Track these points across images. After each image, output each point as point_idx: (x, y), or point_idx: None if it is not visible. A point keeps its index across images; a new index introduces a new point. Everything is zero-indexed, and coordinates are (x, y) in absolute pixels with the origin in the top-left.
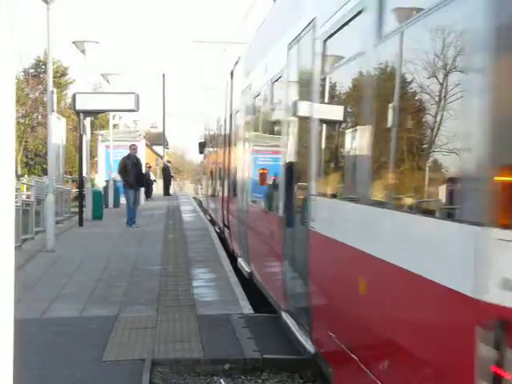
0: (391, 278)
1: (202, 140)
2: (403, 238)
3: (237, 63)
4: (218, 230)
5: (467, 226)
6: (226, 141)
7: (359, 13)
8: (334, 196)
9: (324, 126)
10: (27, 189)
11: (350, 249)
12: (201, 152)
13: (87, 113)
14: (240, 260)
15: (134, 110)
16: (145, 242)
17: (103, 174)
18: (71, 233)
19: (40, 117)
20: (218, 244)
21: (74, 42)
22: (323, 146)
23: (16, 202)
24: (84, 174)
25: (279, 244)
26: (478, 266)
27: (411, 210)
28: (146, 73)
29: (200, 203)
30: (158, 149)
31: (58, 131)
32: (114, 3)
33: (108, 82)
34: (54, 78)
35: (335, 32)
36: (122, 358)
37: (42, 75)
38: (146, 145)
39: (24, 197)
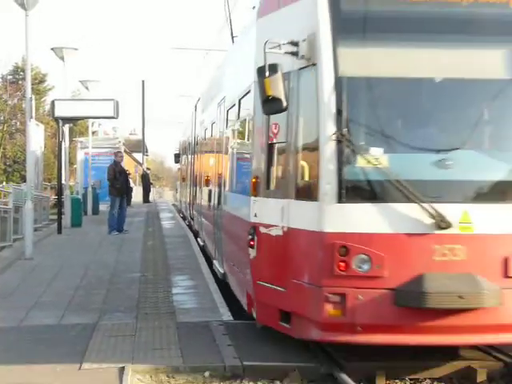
0: (236, 222)
1: (177, 152)
2: (236, 204)
3: (198, 100)
4: (187, 224)
5: (248, 197)
6: (191, 157)
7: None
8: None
9: (226, 152)
10: (5, 196)
11: (232, 216)
12: (176, 162)
13: (66, 120)
14: (199, 235)
15: (113, 117)
16: (124, 249)
17: (82, 181)
18: (50, 240)
19: (19, 123)
20: (197, 251)
21: (52, 49)
22: (223, 164)
23: None
24: (63, 181)
25: (213, 221)
26: (250, 209)
27: (237, 192)
28: (125, 79)
29: (179, 210)
30: (138, 156)
31: (36, 138)
32: (94, 10)
33: (87, 88)
34: (32, 84)
35: (231, 107)
36: (101, 365)
37: (20, 82)
38: (126, 152)
39: (2, 204)
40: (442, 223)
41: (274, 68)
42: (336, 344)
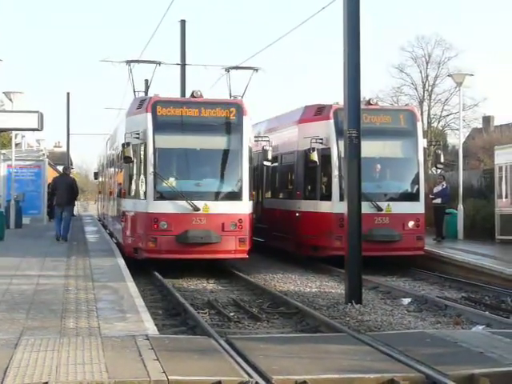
0: (117, 211)
1: (96, 170)
2: (117, 203)
3: (108, 139)
4: (102, 224)
5: (121, 198)
6: (101, 176)
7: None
8: (120, 196)
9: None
10: None
11: (116, 209)
12: (95, 178)
13: None
14: (108, 227)
15: (37, 129)
16: (47, 263)
17: (4, 194)
18: None
19: None
20: (122, 265)
21: None
22: (115, 182)
23: None
24: None
25: (109, 214)
26: (122, 204)
27: (119, 197)
28: (50, 91)
29: (98, 217)
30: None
31: None
32: (18, 20)
33: (11, 100)
34: None
35: (110, 141)
36: (23, 381)
37: None
38: (50, 164)
39: None
40: (196, 208)
41: (128, 144)
42: (154, 259)
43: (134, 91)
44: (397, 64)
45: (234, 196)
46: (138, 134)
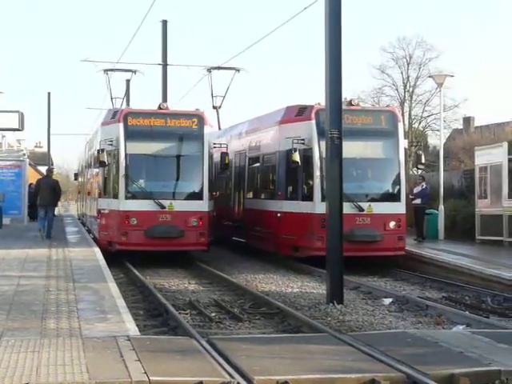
0: (93, 210)
1: (76, 172)
2: (94, 202)
3: (87, 143)
4: (81, 222)
5: (97, 198)
6: (81, 177)
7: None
8: (99, 196)
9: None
10: None
11: (93, 208)
12: (75, 179)
13: None
14: (86, 224)
15: (18, 129)
16: (28, 264)
17: None
18: None
19: None
20: (103, 265)
21: None
22: (91, 184)
23: None
24: None
25: (93, 215)
26: (98, 203)
27: (99, 196)
28: (31, 91)
29: (78, 216)
30: (43, 169)
31: None
32: None
33: None
34: None
35: (89, 145)
36: (3, 383)
37: None
38: (30, 165)
39: None
40: (162, 206)
41: (102, 150)
42: (125, 251)
43: (112, 98)
44: (378, 65)
45: (196, 196)
46: (111, 141)
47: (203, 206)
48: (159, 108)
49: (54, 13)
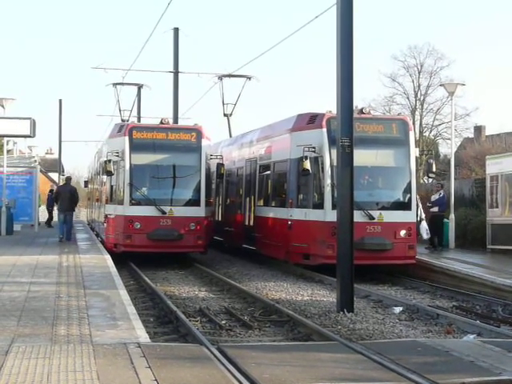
0: (101, 215)
1: (86, 179)
2: (101, 208)
3: (96, 152)
4: (90, 227)
5: (105, 204)
6: (91, 185)
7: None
8: (106, 202)
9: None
10: None
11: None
12: (85, 186)
13: None
14: (94, 229)
15: (29, 136)
16: (39, 271)
17: None
18: None
19: None
20: (114, 272)
21: None
22: (100, 191)
23: None
24: None
25: (96, 218)
26: (105, 209)
27: (106, 203)
28: (43, 98)
29: (88, 222)
30: (54, 175)
31: None
32: (11, 27)
33: (3, 106)
34: None
35: (98, 155)
36: None
37: None
38: (41, 171)
39: None
40: (163, 212)
41: (109, 161)
42: (130, 253)
43: (120, 110)
44: (389, 73)
45: (194, 202)
46: (117, 152)
47: (200, 211)
48: (161, 123)
49: (66, 20)
